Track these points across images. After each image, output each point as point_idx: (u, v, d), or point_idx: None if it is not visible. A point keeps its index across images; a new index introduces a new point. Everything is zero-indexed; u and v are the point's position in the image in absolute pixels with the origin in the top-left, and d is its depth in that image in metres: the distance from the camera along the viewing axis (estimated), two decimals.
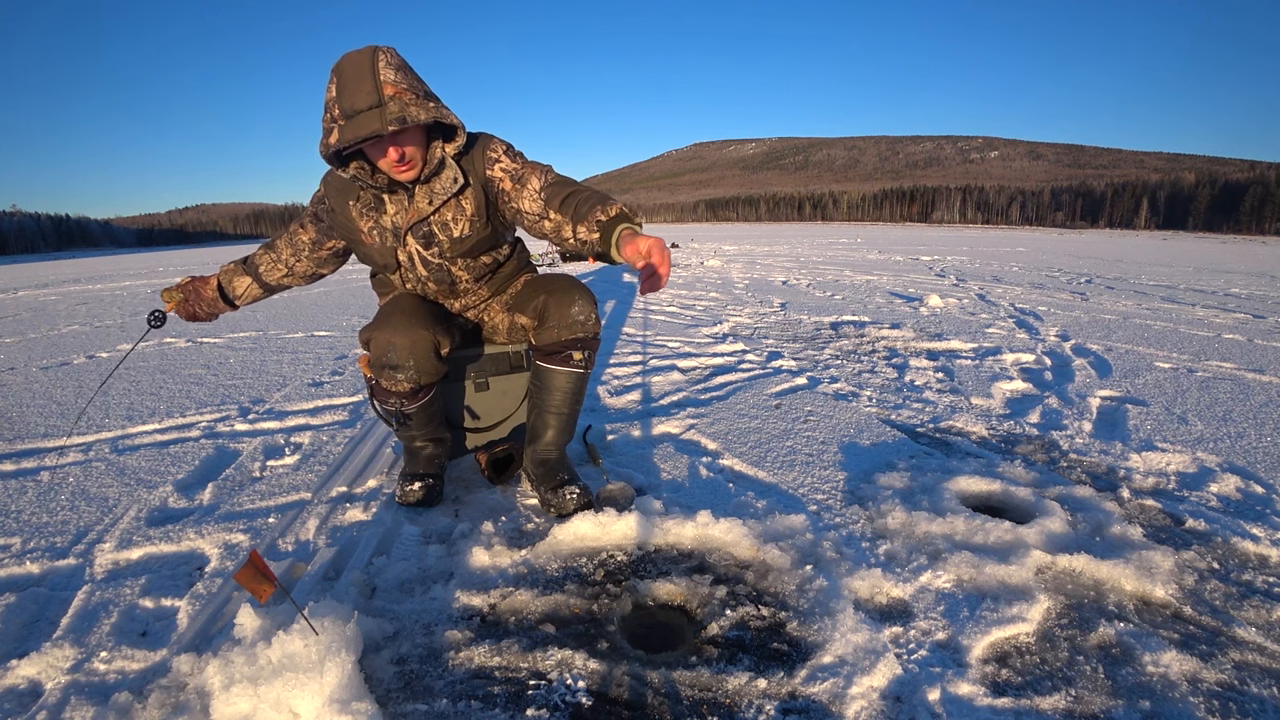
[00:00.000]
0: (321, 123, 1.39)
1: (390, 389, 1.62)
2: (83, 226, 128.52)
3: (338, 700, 0.93)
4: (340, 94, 1.33)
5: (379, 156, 1.42)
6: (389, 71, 1.33)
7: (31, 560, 1.49)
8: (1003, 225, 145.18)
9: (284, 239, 1.75)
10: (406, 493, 1.71)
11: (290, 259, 1.74)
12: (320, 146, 1.40)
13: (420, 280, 1.67)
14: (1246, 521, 1.60)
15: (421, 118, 1.34)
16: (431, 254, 1.60)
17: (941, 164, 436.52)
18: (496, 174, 1.54)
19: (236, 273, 1.78)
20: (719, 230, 45.55)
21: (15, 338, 4.81)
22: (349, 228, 1.62)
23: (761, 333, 4.24)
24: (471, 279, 1.71)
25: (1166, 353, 3.57)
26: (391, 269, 1.65)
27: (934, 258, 12.06)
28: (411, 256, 1.61)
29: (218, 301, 1.77)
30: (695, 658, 1.12)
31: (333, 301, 6.41)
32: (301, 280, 1.79)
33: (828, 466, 1.97)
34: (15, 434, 2.39)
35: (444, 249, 1.59)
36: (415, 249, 1.59)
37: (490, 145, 1.56)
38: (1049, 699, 1.04)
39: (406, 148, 1.41)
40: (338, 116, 1.34)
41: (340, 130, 1.34)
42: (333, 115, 1.35)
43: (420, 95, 1.37)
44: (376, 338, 1.57)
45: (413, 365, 1.56)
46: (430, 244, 1.59)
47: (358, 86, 1.31)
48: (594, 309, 1.65)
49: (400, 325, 1.55)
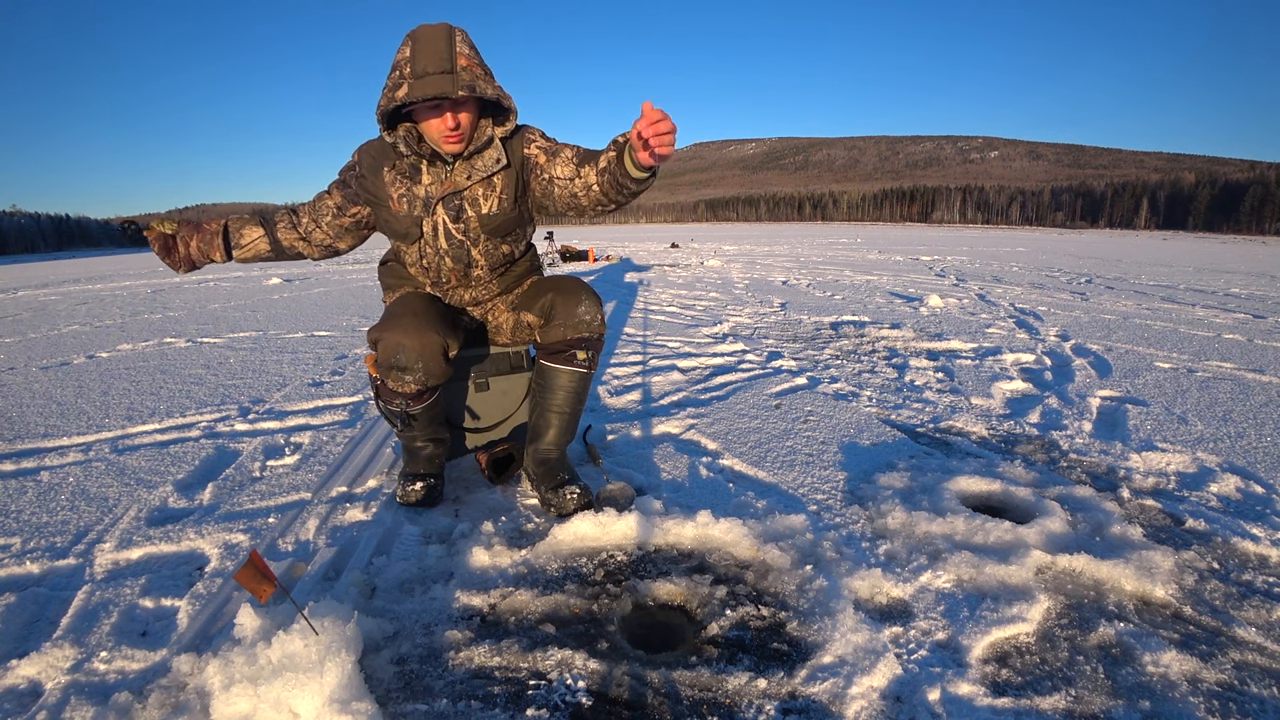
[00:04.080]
0: (387, 81, 1.46)
1: (396, 390, 1.63)
2: (83, 226, 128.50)
3: (338, 700, 0.93)
4: (414, 56, 1.41)
5: (433, 120, 1.47)
6: (464, 46, 1.44)
7: (31, 560, 1.49)
8: (1003, 225, 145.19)
9: (306, 206, 1.74)
10: (407, 492, 1.71)
11: (309, 225, 1.73)
12: (382, 100, 1.45)
13: (439, 254, 1.66)
14: (1246, 521, 1.60)
15: (489, 93, 1.45)
16: (457, 229, 1.63)
17: (941, 164, 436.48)
18: (532, 151, 1.61)
19: (249, 223, 1.74)
20: (719, 230, 45.56)
21: (15, 338, 4.81)
22: (378, 194, 1.63)
23: (761, 333, 4.24)
24: (487, 266, 1.71)
25: (1166, 353, 3.57)
26: (413, 239, 1.65)
27: (934, 258, 12.06)
28: (436, 227, 1.62)
29: (215, 241, 1.69)
30: (695, 658, 1.12)
31: (333, 301, 6.41)
32: (316, 251, 1.76)
33: (828, 466, 1.97)
34: (15, 434, 2.39)
35: (469, 225, 1.62)
36: (443, 219, 1.62)
37: (529, 130, 1.65)
38: (1049, 699, 1.04)
39: (461, 116, 1.48)
40: (408, 75, 1.41)
41: (410, 86, 1.41)
42: (403, 73, 1.42)
43: (487, 74, 1.48)
44: (386, 338, 1.56)
45: (421, 368, 1.57)
46: (459, 218, 1.62)
47: (433, 51, 1.41)
48: (600, 310, 1.70)
49: (410, 327, 1.55)
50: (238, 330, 4.72)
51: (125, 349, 4.12)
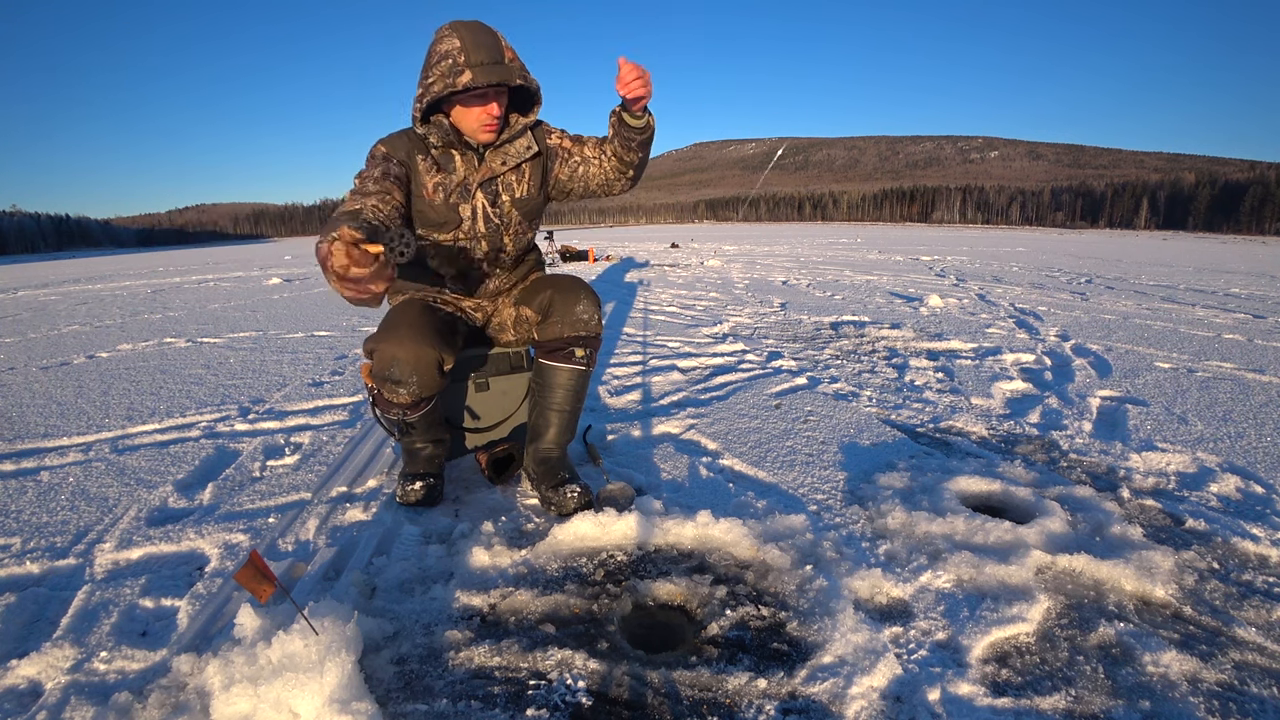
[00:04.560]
0: (432, 73, 1.48)
1: (392, 400, 1.63)
2: (83, 226, 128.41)
3: (338, 700, 0.93)
4: (468, 47, 1.46)
5: (476, 109, 1.53)
6: (507, 41, 1.53)
7: (31, 560, 1.49)
8: (1003, 225, 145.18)
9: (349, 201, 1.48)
10: (407, 492, 1.71)
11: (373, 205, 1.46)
12: (436, 86, 1.47)
13: (475, 240, 1.70)
14: (1246, 521, 1.60)
15: (534, 85, 1.57)
16: (495, 212, 1.69)
17: (941, 164, 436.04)
18: (555, 140, 1.73)
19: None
20: (719, 230, 45.55)
21: (15, 338, 4.81)
22: (415, 181, 1.64)
23: (761, 333, 4.24)
24: (512, 253, 1.78)
25: (1166, 353, 3.57)
26: (451, 226, 1.65)
27: (934, 258, 12.06)
28: (475, 211, 1.67)
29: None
30: (695, 658, 1.12)
31: (333, 301, 6.41)
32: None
33: (828, 466, 1.97)
34: (15, 434, 2.39)
35: (504, 210, 1.70)
36: (482, 203, 1.67)
37: (545, 125, 1.75)
38: (1049, 699, 1.04)
39: (499, 107, 1.55)
40: (464, 63, 1.45)
41: (475, 73, 1.45)
42: (457, 62, 1.46)
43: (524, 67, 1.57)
44: (381, 350, 1.56)
45: (415, 381, 1.56)
46: (495, 202, 1.68)
47: (487, 43, 1.48)
48: (598, 309, 1.72)
49: (406, 339, 1.54)
50: (238, 330, 4.72)
51: (125, 349, 4.12)
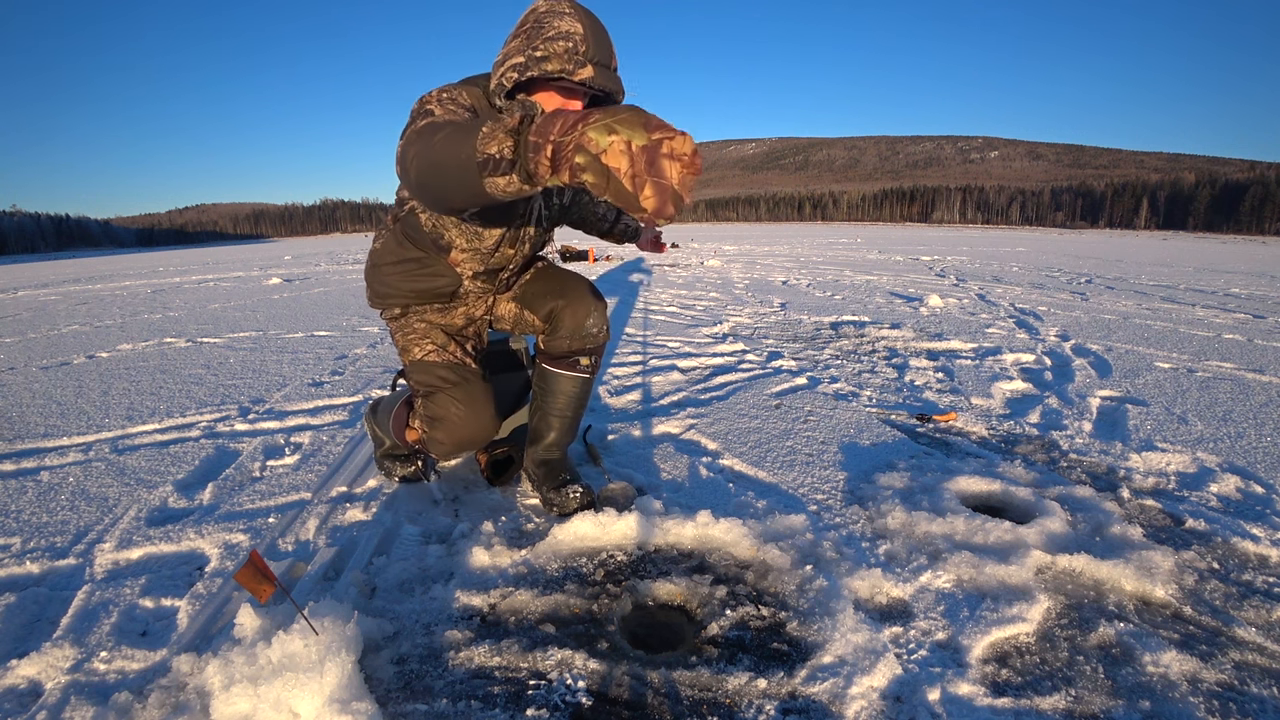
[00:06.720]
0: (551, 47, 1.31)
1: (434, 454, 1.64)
2: (83, 226, 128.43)
3: (338, 700, 0.93)
4: (589, 39, 1.32)
5: (560, 101, 1.39)
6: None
7: (31, 560, 1.49)
8: (1003, 225, 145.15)
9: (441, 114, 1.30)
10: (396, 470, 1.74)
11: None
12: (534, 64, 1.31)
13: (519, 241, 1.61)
14: (1246, 521, 1.60)
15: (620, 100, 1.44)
16: (545, 214, 1.66)
17: (941, 164, 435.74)
18: None
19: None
20: (719, 230, 45.54)
21: (15, 338, 4.81)
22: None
23: (761, 333, 4.24)
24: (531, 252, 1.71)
25: (1166, 353, 3.57)
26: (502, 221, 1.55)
27: (934, 258, 12.06)
28: (533, 210, 1.61)
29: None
30: (695, 658, 1.12)
31: (333, 301, 6.41)
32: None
33: (828, 466, 1.97)
34: (15, 434, 2.39)
35: (553, 211, 1.68)
36: (540, 201, 1.63)
37: None
38: (1049, 699, 1.04)
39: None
40: (584, 57, 1.32)
41: (597, 71, 1.34)
42: (578, 50, 1.31)
43: None
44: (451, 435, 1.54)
45: (471, 448, 1.60)
46: (549, 203, 1.65)
47: (607, 44, 1.37)
48: (606, 318, 1.69)
49: (474, 425, 1.55)
50: (238, 330, 4.72)
51: (125, 349, 4.12)
